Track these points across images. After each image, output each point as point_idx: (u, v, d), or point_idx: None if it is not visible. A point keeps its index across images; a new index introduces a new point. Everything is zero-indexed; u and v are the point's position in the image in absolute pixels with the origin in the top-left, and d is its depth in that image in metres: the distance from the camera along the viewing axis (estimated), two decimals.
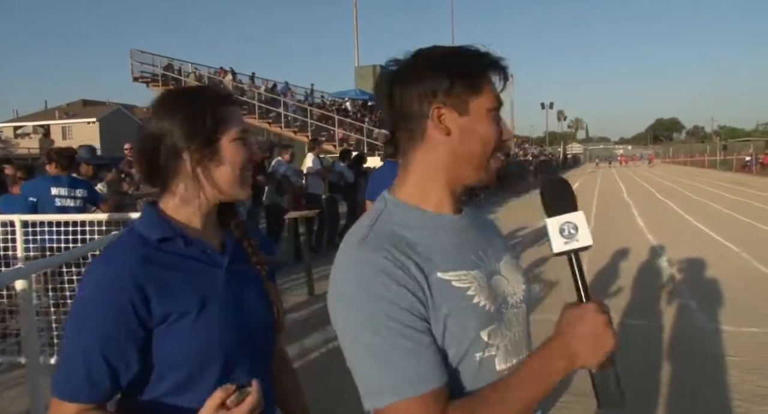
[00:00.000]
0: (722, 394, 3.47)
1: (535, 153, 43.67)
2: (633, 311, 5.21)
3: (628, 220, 12.37)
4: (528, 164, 32.32)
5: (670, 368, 3.84)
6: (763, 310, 5.14)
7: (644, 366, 3.88)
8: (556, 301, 5.63)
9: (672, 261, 7.49)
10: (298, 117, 23.29)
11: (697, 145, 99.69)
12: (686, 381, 3.64)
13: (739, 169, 38.91)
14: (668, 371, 3.79)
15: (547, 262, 7.71)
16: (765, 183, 24.37)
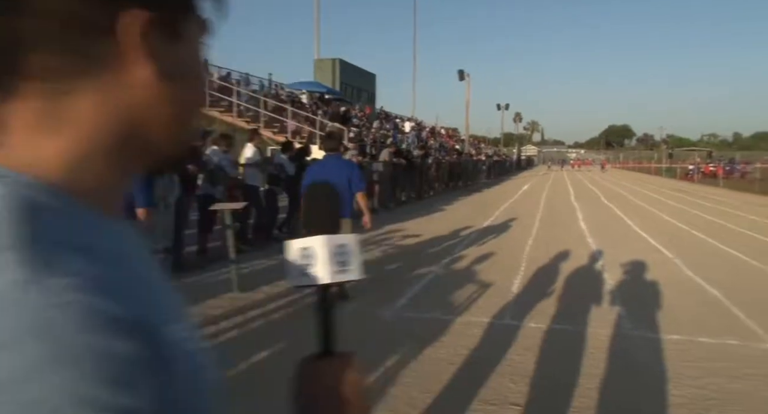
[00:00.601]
0: (637, 403, 3.42)
1: (489, 153, 44.16)
2: (561, 316, 5.16)
3: (572, 223, 12.52)
4: (481, 164, 32.60)
5: (588, 376, 3.78)
6: (686, 317, 5.19)
7: (562, 373, 3.81)
8: (495, 301, 5.56)
9: (608, 266, 7.54)
10: (251, 107, 22.78)
11: (645, 152, 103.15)
12: (603, 390, 3.58)
13: (683, 177, 40.36)
14: (586, 379, 3.73)
15: (487, 261, 7.68)
16: (704, 191, 25.28)
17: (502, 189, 26.04)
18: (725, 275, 7.00)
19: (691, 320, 5.09)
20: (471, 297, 5.85)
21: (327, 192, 5.21)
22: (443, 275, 6.93)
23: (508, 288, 6.23)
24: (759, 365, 4.03)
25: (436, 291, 6.15)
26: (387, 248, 8.85)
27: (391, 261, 7.80)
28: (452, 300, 5.75)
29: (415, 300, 5.76)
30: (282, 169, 8.77)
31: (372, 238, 9.66)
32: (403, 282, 6.52)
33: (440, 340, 4.51)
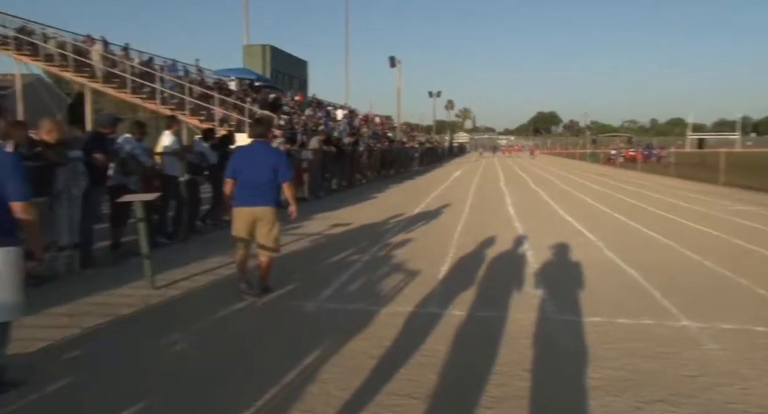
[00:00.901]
0: (556, 388, 3.41)
1: (422, 140, 44.45)
2: (486, 303, 5.15)
3: (501, 208, 12.70)
4: (414, 151, 32.74)
5: (510, 364, 3.75)
6: (607, 298, 5.29)
7: (485, 361, 3.76)
8: (422, 290, 5.47)
9: (533, 250, 7.65)
10: (175, 94, 21.82)
11: (571, 138, 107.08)
12: (524, 377, 3.55)
13: (606, 162, 42.10)
14: (508, 367, 3.70)
15: (415, 249, 7.61)
16: (626, 175, 26.44)
17: (434, 176, 26.25)
18: (644, 257, 7.24)
19: (611, 302, 5.19)
20: (398, 286, 5.75)
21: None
22: (371, 264, 6.80)
23: (434, 276, 6.17)
24: (672, 344, 4.12)
25: (363, 281, 6.01)
26: (315, 238, 8.63)
27: (319, 251, 7.60)
28: (378, 290, 5.64)
29: (340, 290, 5.60)
30: (203, 157, 8.35)
31: (300, 227, 9.42)
32: (330, 272, 6.34)
33: (364, 332, 4.37)
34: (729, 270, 6.44)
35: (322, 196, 14.79)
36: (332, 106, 38.99)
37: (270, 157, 5.27)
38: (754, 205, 13.26)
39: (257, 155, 5.27)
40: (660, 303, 5.16)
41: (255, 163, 5.22)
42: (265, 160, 5.22)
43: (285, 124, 22.82)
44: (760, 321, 4.65)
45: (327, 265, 6.75)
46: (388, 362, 3.77)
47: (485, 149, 79.66)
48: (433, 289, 5.64)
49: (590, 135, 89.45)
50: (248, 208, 5.23)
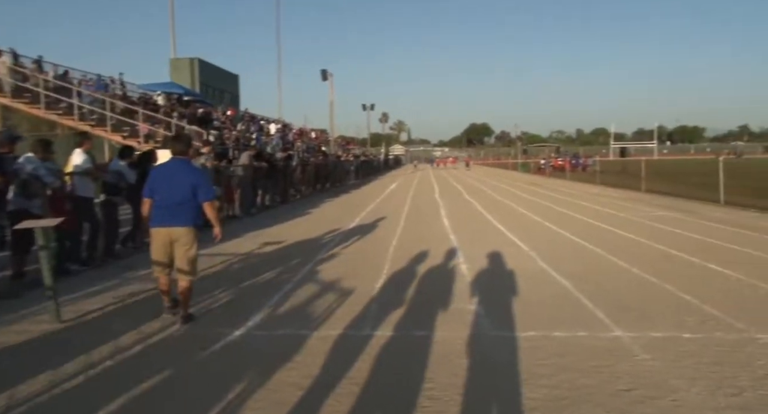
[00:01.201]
0: (496, 410, 3.27)
1: (357, 154, 44.42)
2: (420, 321, 4.99)
3: (436, 220, 12.69)
4: (349, 165, 32.59)
5: (444, 387, 3.58)
6: (541, 311, 5.25)
7: (418, 384, 3.59)
8: (355, 310, 5.25)
9: (468, 263, 7.59)
10: (95, 109, 20.75)
11: (503, 149, 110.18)
12: (458, 399, 3.40)
13: (536, 172, 43.45)
14: (441, 390, 3.53)
15: (349, 266, 7.37)
16: (555, 184, 27.27)
17: (369, 189, 26.16)
18: (575, 265, 7.32)
19: (545, 314, 5.15)
20: (330, 307, 5.51)
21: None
22: (303, 284, 6.52)
23: (368, 294, 5.97)
24: (606, 356, 4.09)
25: (294, 302, 5.73)
26: (245, 258, 8.26)
27: (248, 272, 7.24)
28: (310, 312, 5.37)
29: (269, 315, 5.30)
30: (121, 177, 7.83)
31: (230, 247, 9.01)
32: (259, 295, 6.02)
33: (292, 360, 4.10)
34: (655, 276, 6.58)
35: (255, 213, 14.34)
36: (265, 121, 38.39)
37: (188, 176, 4.97)
38: (673, 211, 13.86)
39: (175, 173, 4.98)
40: (592, 313, 5.17)
41: (173, 182, 4.92)
42: (183, 178, 4.92)
43: (215, 139, 22.17)
44: (685, 327, 4.72)
45: (256, 287, 6.42)
46: (316, 393, 3.52)
47: (420, 161, 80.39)
48: (366, 308, 5.43)
49: (521, 145, 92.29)
50: (164, 229, 4.94)
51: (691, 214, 13.15)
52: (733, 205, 14.81)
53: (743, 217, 12.34)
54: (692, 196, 17.87)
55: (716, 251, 8.20)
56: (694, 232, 10.07)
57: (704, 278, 6.52)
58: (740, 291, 5.92)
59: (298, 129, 43.66)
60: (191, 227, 4.97)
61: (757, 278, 6.42)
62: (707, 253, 8.04)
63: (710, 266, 7.15)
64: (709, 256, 7.80)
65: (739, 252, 8.13)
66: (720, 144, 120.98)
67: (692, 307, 5.31)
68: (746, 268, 6.94)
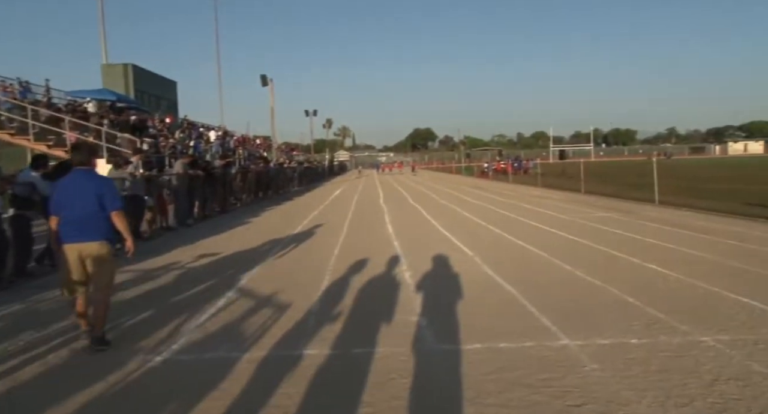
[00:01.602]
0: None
1: (301, 160, 43.78)
2: (361, 337, 4.68)
3: (380, 227, 12.43)
4: (292, 171, 31.99)
5: (387, 408, 3.30)
6: (487, 321, 5.04)
7: (356, 407, 3.29)
8: (291, 328, 4.89)
9: (412, 271, 7.35)
10: (14, 117, 19.47)
11: (447, 153, 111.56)
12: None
13: (479, 175, 44.02)
14: (383, 409, 3.25)
15: (287, 278, 6.99)
16: (498, 187, 27.58)
17: (313, 196, 25.71)
18: (520, 271, 7.20)
19: (492, 324, 4.95)
20: (264, 325, 5.13)
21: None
22: (236, 300, 6.10)
23: (306, 309, 5.62)
24: (555, 368, 3.90)
25: (225, 321, 5.31)
26: (176, 272, 7.73)
27: (178, 288, 6.75)
28: (242, 331, 4.98)
29: (197, 336, 4.87)
30: (33, 189, 7.19)
31: (160, 262, 8.46)
32: (187, 314, 5.57)
33: (218, 388, 3.72)
34: (599, 279, 6.53)
35: (192, 224, 13.69)
36: (205, 128, 37.34)
37: (92, 186, 4.58)
38: (612, 212, 14.13)
39: (79, 185, 4.57)
40: (539, 321, 5.00)
41: (77, 194, 4.51)
42: (87, 189, 4.53)
43: (149, 147, 21.25)
44: (632, 332, 4.61)
45: (185, 305, 5.95)
46: None
47: (365, 166, 79.89)
48: (303, 324, 5.09)
49: (464, 149, 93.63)
50: (75, 245, 4.53)
51: (629, 214, 13.42)
52: (667, 205, 15.26)
53: (678, 216, 12.67)
54: (629, 196, 18.37)
55: (655, 251, 8.29)
56: (633, 233, 10.21)
57: (646, 279, 6.50)
58: (681, 291, 5.91)
59: (240, 136, 42.67)
60: (103, 241, 4.56)
61: (694, 277, 6.46)
62: (647, 253, 8.11)
63: (650, 266, 7.18)
64: (648, 256, 7.86)
65: (676, 251, 8.24)
66: (651, 146, 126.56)
67: (637, 311, 5.23)
68: (684, 268, 7.00)
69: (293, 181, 31.17)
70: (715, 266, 7.13)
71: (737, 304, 5.39)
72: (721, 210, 13.44)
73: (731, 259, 7.54)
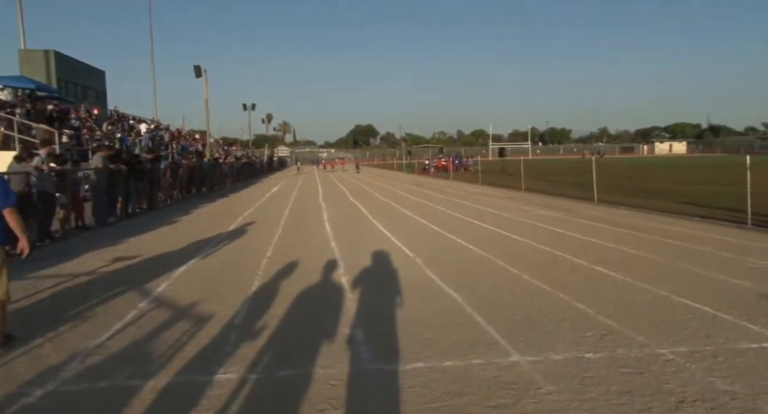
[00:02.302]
0: None
1: (238, 155, 42.36)
2: (288, 357, 4.09)
3: (317, 226, 11.82)
4: (228, 167, 30.75)
5: None
6: (430, 334, 4.56)
7: None
8: (208, 346, 4.24)
9: (350, 276, 6.81)
10: None
11: (389, 150, 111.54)
12: None
13: (420, 172, 43.91)
14: None
15: (211, 285, 6.30)
16: (439, 184, 27.40)
17: (249, 193, 24.71)
18: (464, 274, 6.78)
19: (436, 338, 4.47)
20: (177, 342, 4.46)
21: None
22: (149, 313, 5.37)
23: (228, 322, 4.98)
24: (506, 390, 3.45)
25: (132, 339, 4.60)
26: (84, 279, 6.88)
27: (82, 298, 5.94)
28: (150, 351, 4.29)
29: (95, 360, 4.15)
30: None
31: (68, 267, 7.57)
32: (88, 330, 4.82)
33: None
34: (546, 283, 6.19)
35: (113, 223, 12.63)
36: (136, 120, 35.52)
37: None
38: (553, 210, 14.05)
39: None
40: (486, 333, 4.57)
41: None
42: None
43: (69, 139, 19.77)
44: (587, 345, 4.24)
45: (87, 319, 5.18)
46: None
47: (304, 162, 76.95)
48: (222, 341, 4.45)
49: (406, 146, 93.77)
50: None
51: (569, 212, 13.35)
52: (605, 203, 15.35)
53: (616, 215, 12.69)
54: (568, 194, 18.48)
55: (599, 252, 8.08)
56: (575, 232, 10.04)
57: (594, 283, 6.21)
58: (630, 296, 5.63)
59: (176, 130, 40.86)
60: None
61: (642, 281, 6.22)
62: (591, 253, 7.88)
63: (597, 269, 6.92)
64: (593, 257, 7.63)
65: (620, 251, 8.06)
66: (584, 145, 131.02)
67: (588, 319, 4.88)
68: (630, 270, 6.78)
69: (229, 178, 29.96)
70: (660, 268, 6.94)
71: (688, 309, 5.15)
72: (658, 209, 13.59)
73: (675, 259, 7.40)
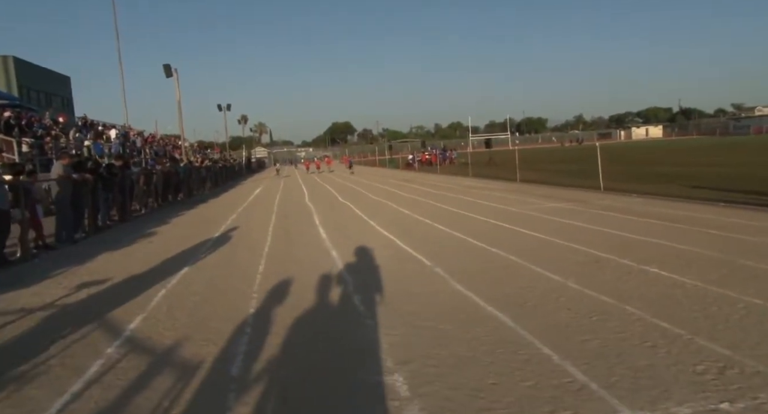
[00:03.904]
0: None
1: (215, 158, 40.80)
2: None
3: (310, 233, 10.65)
4: (206, 171, 29.29)
5: None
6: (482, 375, 3.46)
7: None
8: (205, 393, 3.11)
9: (360, 293, 5.68)
10: None
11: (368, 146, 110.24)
12: None
13: (405, 167, 42.82)
14: None
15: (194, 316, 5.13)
16: (428, 179, 26.35)
17: (230, 197, 23.34)
18: (497, 286, 5.70)
19: (494, 385, 3.37)
20: (155, 395, 3.30)
21: None
22: (118, 365, 4.18)
23: (223, 371, 3.82)
24: None
25: (93, 410, 3.42)
26: (41, 316, 5.63)
27: (31, 346, 4.71)
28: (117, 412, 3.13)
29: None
30: None
31: (22, 297, 6.31)
32: (32, 399, 3.62)
33: None
34: (604, 294, 5.13)
35: (80, 239, 11.31)
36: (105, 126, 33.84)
37: None
38: (562, 201, 13.07)
39: None
40: (565, 374, 3.47)
41: None
42: None
43: (31, 148, 18.30)
44: (710, 387, 3.18)
45: (35, 378, 3.98)
46: None
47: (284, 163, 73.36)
48: (217, 405, 3.29)
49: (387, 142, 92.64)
50: None
51: (581, 203, 12.37)
52: (612, 191, 14.45)
53: (632, 204, 11.74)
54: (567, 184, 17.55)
55: (641, 248, 7.07)
56: (599, 225, 9.03)
57: (660, 290, 5.18)
58: (718, 308, 4.59)
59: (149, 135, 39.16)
60: None
61: (716, 284, 5.22)
62: (634, 251, 6.87)
63: (652, 270, 5.89)
64: (638, 255, 6.61)
65: (664, 247, 7.06)
66: (561, 133, 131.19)
67: (688, 345, 3.83)
68: (692, 270, 5.78)
69: (208, 182, 28.53)
70: (725, 266, 5.93)
71: None
72: (673, 195, 12.69)
73: (733, 254, 6.41)
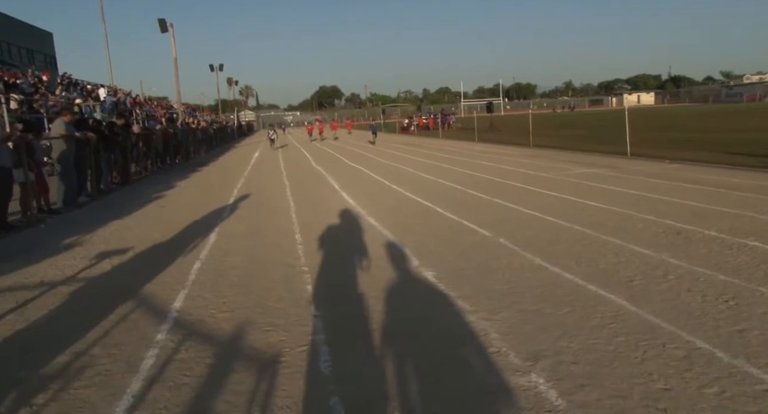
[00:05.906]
0: None
1: (209, 120, 39.52)
2: None
3: (333, 196, 9.94)
4: (203, 133, 28.20)
5: None
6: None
7: None
8: None
9: (434, 270, 5.05)
10: None
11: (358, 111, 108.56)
12: None
13: (401, 131, 41.84)
14: None
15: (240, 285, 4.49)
16: (434, 143, 25.56)
17: (231, 160, 22.44)
18: (573, 257, 5.09)
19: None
20: (239, 399, 2.66)
21: None
22: (177, 357, 3.54)
23: (308, 364, 3.18)
24: None
25: (164, 397, 2.78)
26: (66, 291, 4.93)
27: (62, 331, 4.03)
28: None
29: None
30: None
31: (36, 271, 5.61)
32: (85, 403, 2.97)
33: None
34: (721, 272, 4.55)
35: (85, 203, 10.52)
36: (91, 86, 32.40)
37: None
38: (591, 167, 12.46)
39: None
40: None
41: None
42: None
43: (20, 106, 17.21)
44: None
45: (78, 374, 3.32)
46: None
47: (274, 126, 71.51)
48: (323, 406, 2.67)
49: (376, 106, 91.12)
50: None
51: (615, 169, 11.77)
52: (639, 157, 13.89)
53: (670, 170, 11.17)
54: (588, 149, 16.93)
55: (721, 218, 6.47)
56: (656, 193, 8.40)
57: (745, 260, 4.61)
58: None
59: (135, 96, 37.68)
60: None
61: None
62: (715, 222, 6.27)
63: (750, 244, 5.31)
64: (724, 225, 6.04)
65: (747, 218, 6.46)
66: (551, 99, 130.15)
67: None
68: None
69: (204, 145, 27.51)
70: None
71: None
72: (710, 161, 12.14)
73: None
